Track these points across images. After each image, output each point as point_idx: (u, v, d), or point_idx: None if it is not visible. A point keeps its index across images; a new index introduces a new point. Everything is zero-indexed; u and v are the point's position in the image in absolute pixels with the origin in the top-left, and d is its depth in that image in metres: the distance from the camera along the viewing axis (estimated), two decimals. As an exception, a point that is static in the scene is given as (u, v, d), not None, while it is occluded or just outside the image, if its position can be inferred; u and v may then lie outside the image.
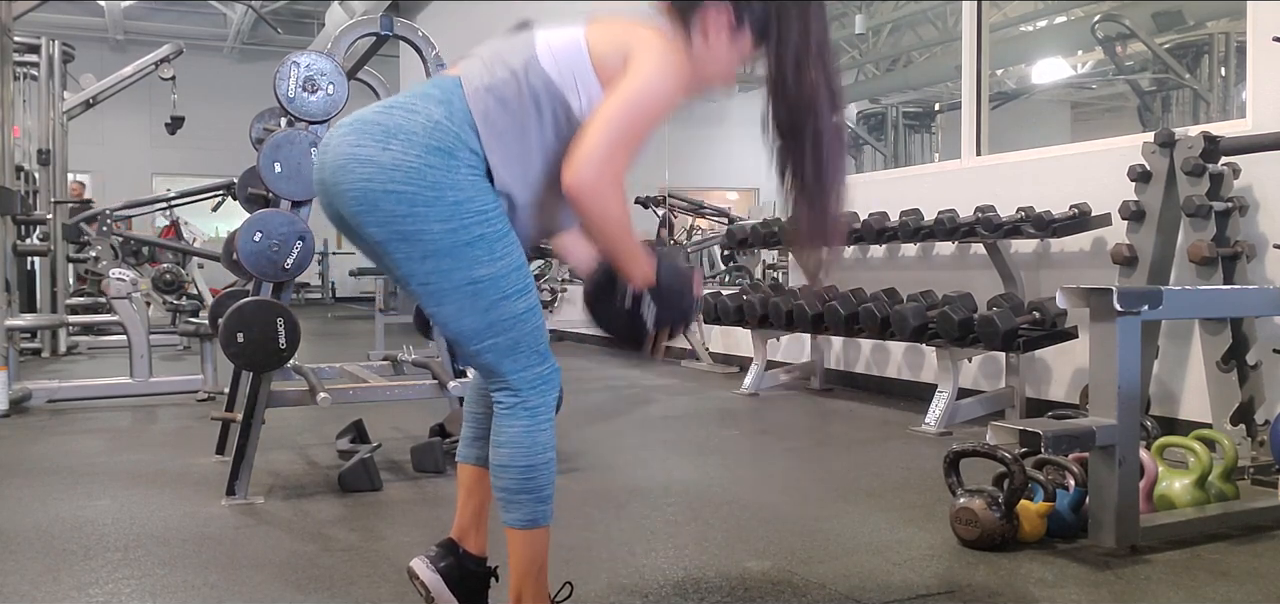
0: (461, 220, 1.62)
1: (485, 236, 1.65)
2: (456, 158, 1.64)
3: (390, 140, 1.62)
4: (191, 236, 11.29)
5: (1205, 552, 2.49)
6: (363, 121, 1.67)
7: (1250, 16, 3.81)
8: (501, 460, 1.74)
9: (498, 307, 1.68)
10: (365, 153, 1.63)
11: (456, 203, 1.62)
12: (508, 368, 1.72)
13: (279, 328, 3.08)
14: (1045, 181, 4.52)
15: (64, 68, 8.52)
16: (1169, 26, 9.51)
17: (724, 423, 4.61)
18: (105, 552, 2.57)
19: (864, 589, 2.25)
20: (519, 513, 1.75)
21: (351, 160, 1.64)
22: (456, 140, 1.65)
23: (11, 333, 5.39)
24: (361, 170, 1.62)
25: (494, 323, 1.68)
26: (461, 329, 1.70)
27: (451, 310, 1.68)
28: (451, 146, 1.64)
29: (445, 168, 1.62)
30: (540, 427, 1.74)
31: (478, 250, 1.64)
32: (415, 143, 1.62)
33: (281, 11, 15.54)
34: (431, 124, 1.64)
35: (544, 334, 1.77)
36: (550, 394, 1.76)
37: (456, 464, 1.98)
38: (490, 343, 1.70)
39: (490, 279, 1.66)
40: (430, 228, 1.61)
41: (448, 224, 1.62)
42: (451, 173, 1.63)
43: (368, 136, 1.64)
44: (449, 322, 1.70)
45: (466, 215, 1.63)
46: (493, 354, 1.71)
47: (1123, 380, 2.42)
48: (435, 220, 1.61)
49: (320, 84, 3.19)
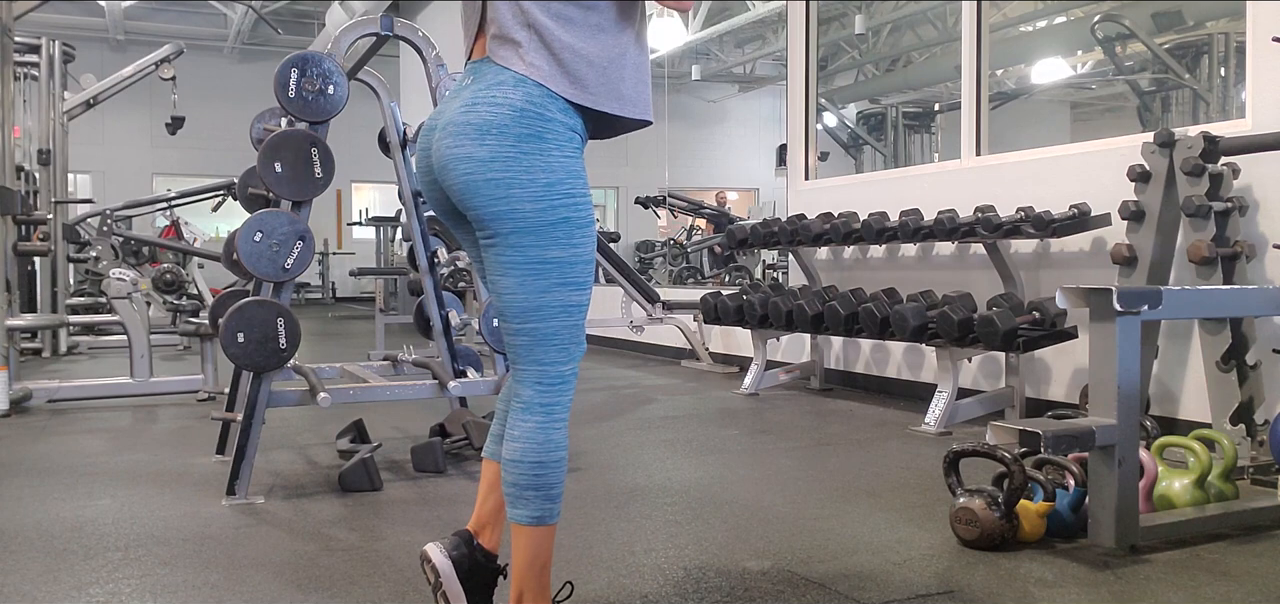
0: (550, 201, 1.72)
1: (570, 220, 1.74)
2: (546, 140, 1.73)
3: (485, 137, 1.72)
4: (191, 236, 11.29)
5: (1205, 552, 2.49)
6: (455, 124, 1.76)
7: (1250, 16, 3.81)
8: (513, 456, 1.78)
9: (555, 290, 1.75)
10: (464, 151, 1.73)
11: (548, 184, 1.72)
12: (538, 356, 1.78)
13: (279, 328, 3.08)
14: (1045, 181, 4.52)
15: (64, 68, 8.52)
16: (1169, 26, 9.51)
17: (724, 423, 4.61)
18: (105, 552, 2.57)
19: (864, 589, 2.25)
20: (526, 509, 1.77)
21: (453, 159, 1.75)
22: (542, 121, 1.73)
23: (12, 333, 5.39)
24: (464, 167, 1.74)
25: (544, 306, 1.75)
26: (514, 303, 1.76)
27: (513, 282, 1.75)
28: (540, 131, 1.72)
29: (538, 151, 1.72)
30: (555, 425, 1.78)
31: (558, 232, 1.73)
32: (508, 134, 1.72)
33: (281, 11, 15.54)
34: (516, 111, 1.72)
35: (581, 335, 1.82)
36: (567, 395, 1.81)
37: (479, 459, 2.00)
38: (532, 326, 1.76)
39: (558, 263, 1.74)
40: (522, 207, 1.72)
41: (538, 203, 1.72)
42: (543, 155, 1.72)
43: (464, 137, 1.74)
44: (505, 293, 1.77)
45: (555, 196, 1.73)
46: (528, 337, 1.77)
47: (1122, 380, 2.43)
48: (527, 200, 1.71)
49: (320, 84, 3.19)
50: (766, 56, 16.76)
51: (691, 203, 12.24)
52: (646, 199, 12.20)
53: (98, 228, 8.51)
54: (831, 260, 5.80)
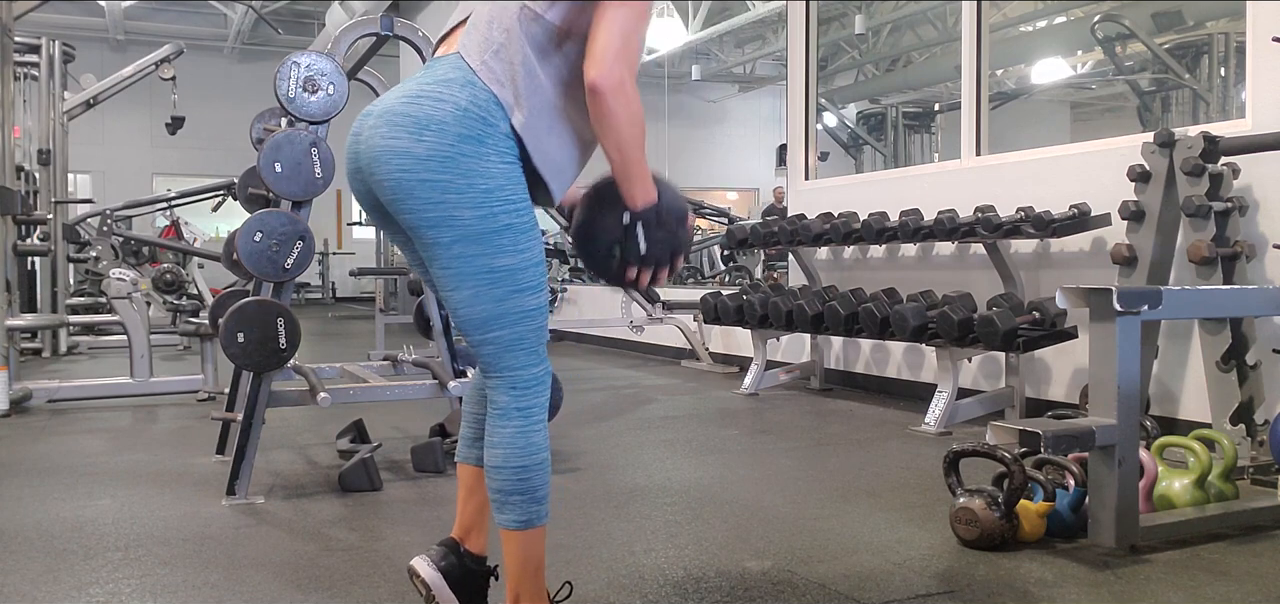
0: (491, 208, 1.66)
1: (512, 226, 1.68)
2: (486, 145, 1.67)
3: (423, 132, 1.66)
4: (192, 236, 11.29)
5: (1205, 551, 2.49)
6: (393, 113, 1.70)
7: (1250, 16, 3.81)
8: (495, 462, 1.75)
9: (511, 298, 1.71)
10: (400, 145, 1.66)
11: (487, 191, 1.66)
12: (507, 362, 1.74)
13: (279, 328, 3.08)
14: (1045, 181, 4.52)
15: (64, 68, 8.53)
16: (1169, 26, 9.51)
17: (724, 423, 4.61)
18: (105, 552, 2.57)
19: (864, 589, 2.25)
20: (513, 514, 1.75)
21: (387, 152, 1.67)
22: (484, 126, 1.68)
23: (12, 333, 5.39)
24: (398, 162, 1.66)
25: (504, 313, 1.71)
26: (472, 315, 1.72)
27: (467, 295, 1.71)
28: (481, 134, 1.67)
29: (477, 156, 1.66)
30: (534, 428, 1.75)
31: (503, 239, 1.68)
32: (448, 132, 1.66)
33: (281, 11, 15.54)
34: (460, 111, 1.67)
35: (545, 335, 1.78)
36: (543, 395, 1.78)
37: (456, 465, 1.98)
38: (496, 335, 1.72)
39: (509, 270, 1.69)
40: (462, 214, 1.65)
41: (478, 210, 1.66)
42: (483, 160, 1.66)
43: (401, 128, 1.67)
44: (461, 306, 1.72)
45: (496, 203, 1.67)
46: (494, 346, 1.73)
47: (1122, 380, 2.43)
48: (467, 207, 1.65)
49: (320, 84, 3.19)
50: (766, 56, 16.76)
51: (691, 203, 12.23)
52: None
53: (98, 228, 8.51)
54: (831, 260, 5.80)
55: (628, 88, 1.67)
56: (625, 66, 1.66)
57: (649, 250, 1.78)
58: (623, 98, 1.66)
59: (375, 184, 1.72)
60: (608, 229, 1.79)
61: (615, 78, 1.65)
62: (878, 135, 13.88)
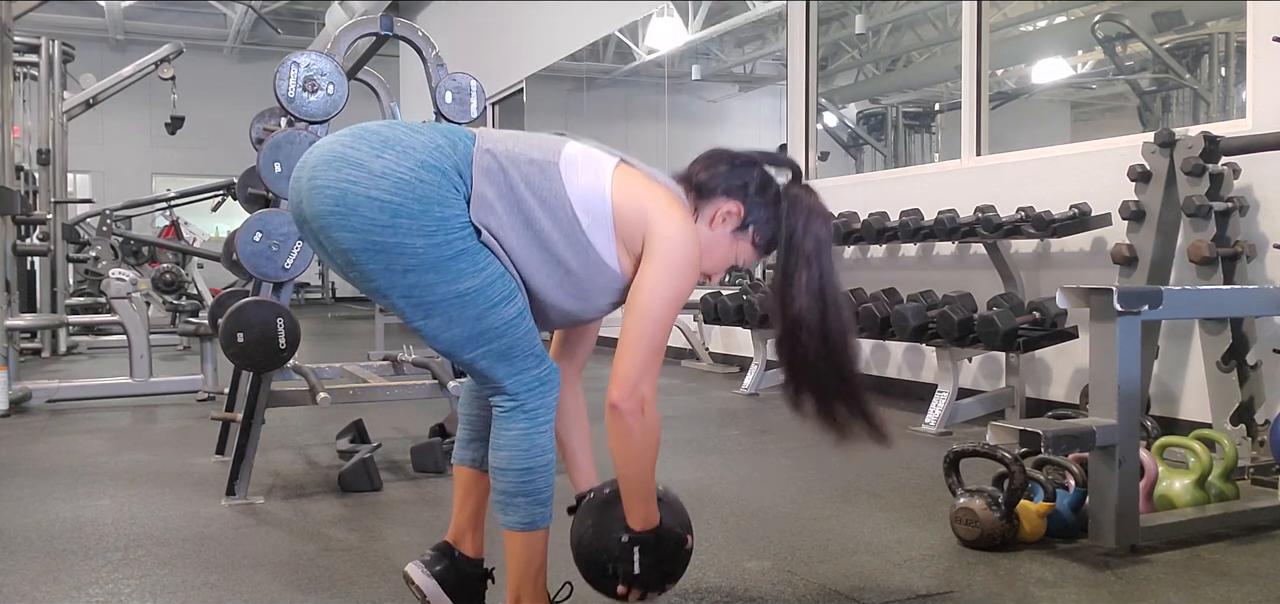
0: (445, 235, 1.60)
1: (467, 250, 1.63)
2: (446, 178, 1.63)
3: (385, 149, 1.61)
4: (191, 237, 11.28)
5: (1205, 552, 2.49)
6: (362, 129, 1.66)
7: (1250, 16, 3.81)
8: (500, 463, 1.74)
9: (486, 315, 1.66)
10: (355, 156, 1.60)
11: (442, 219, 1.60)
12: (503, 373, 1.72)
13: (279, 328, 3.08)
14: (1045, 181, 4.52)
15: (64, 68, 8.52)
16: (1169, 26, 9.50)
17: (724, 423, 4.61)
18: (105, 552, 2.57)
19: (864, 589, 2.25)
20: (516, 515, 1.75)
21: (340, 158, 1.61)
22: (451, 166, 1.64)
23: (11, 333, 5.39)
24: (347, 171, 1.59)
25: (484, 331, 1.67)
26: (452, 339, 1.68)
27: (439, 322, 1.66)
28: (444, 168, 1.63)
29: (435, 184, 1.61)
30: (539, 429, 1.74)
31: (461, 264, 1.63)
32: (411, 156, 1.61)
33: (281, 11, 15.54)
34: (432, 145, 1.64)
35: (536, 336, 1.75)
36: (549, 396, 1.75)
37: (452, 466, 1.98)
38: (483, 350, 1.69)
39: (476, 290, 1.64)
40: (412, 242, 1.58)
41: (432, 238, 1.59)
42: (440, 189, 1.61)
43: (363, 142, 1.62)
44: (438, 333, 1.68)
45: (451, 231, 1.61)
46: (485, 361, 1.71)
47: (1123, 380, 2.42)
48: (418, 234, 1.58)
49: (320, 84, 3.19)
50: (766, 56, 16.73)
51: (691, 203, 12.22)
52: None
53: (97, 228, 8.51)
54: (831, 260, 5.79)
55: (649, 409, 1.68)
56: (649, 386, 1.68)
57: (641, 574, 1.79)
58: (642, 420, 1.67)
59: (313, 192, 1.61)
60: (607, 546, 1.80)
61: (638, 400, 1.67)
62: (878, 135, 13.87)
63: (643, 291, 1.70)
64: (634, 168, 1.77)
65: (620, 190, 1.72)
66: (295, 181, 1.68)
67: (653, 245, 1.70)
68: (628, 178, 1.74)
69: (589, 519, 1.85)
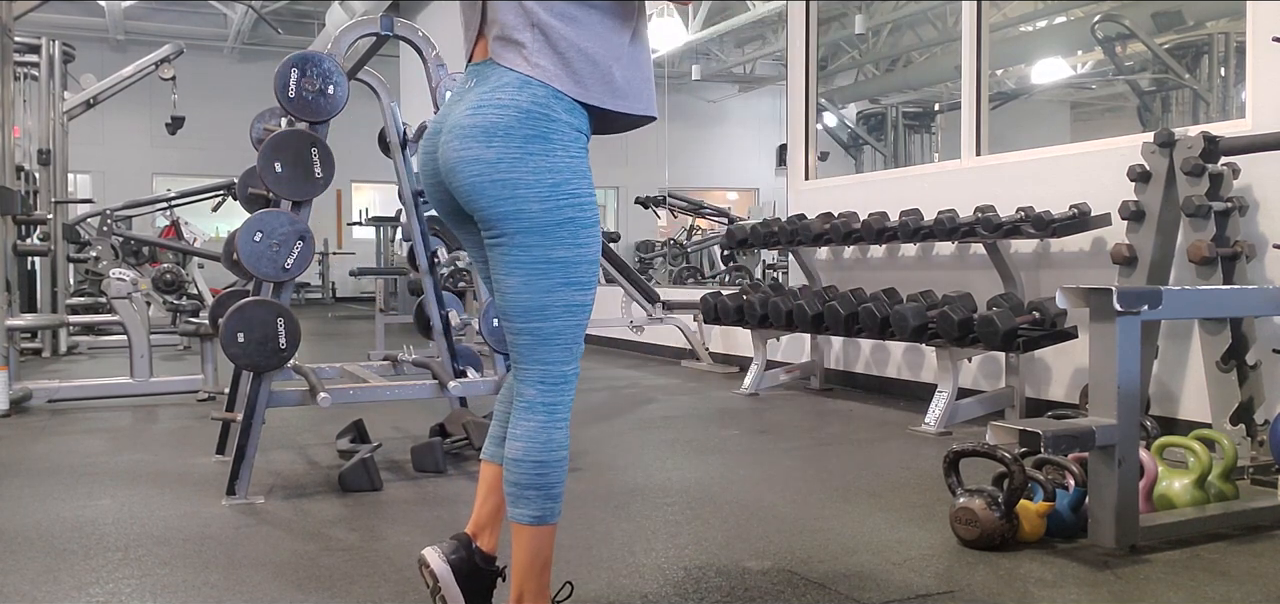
0: (556, 201, 1.73)
1: (575, 220, 1.74)
2: (552, 141, 1.73)
3: (491, 139, 1.72)
4: (191, 237, 11.28)
5: (1205, 552, 2.49)
6: (461, 127, 1.76)
7: (1250, 16, 3.81)
8: (515, 454, 1.78)
9: (559, 290, 1.75)
10: (471, 153, 1.73)
11: (554, 185, 1.72)
12: (541, 355, 1.78)
13: (279, 328, 3.08)
14: (1045, 181, 4.52)
15: (64, 68, 8.52)
16: (1169, 26, 9.50)
17: (724, 423, 4.61)
18: (105, 552, 2.57)
19: (864, 589, 2.25)
20: (527, 508, 1.77)
21: (460, 162, 1.75)
22: (547, 122, 1.73)
23: (12, 333, 5.39)
24: (472, 169, 1.74)
25: (548, 306, 1.75)
26: (517, 303, 1.76)
27: (518, 282, 1.75)
28: (545, 132, 1.73)
29: (544, 152, 1.72)
30: (557, 424, 1.78)
31: (564, 232, 1.74)
32: (514, 136, 1.72)
33: (281, 11, 15.53)
34: (522, 113, 1.72)
35: (582, 335, 1.82)
36: (568, 394, 1.81)
37: (478, 460, 1.99)
38: (535, 326, 1.76)
39: (564, 262, 1.74)
40: (529, 207, 1.72)
41: (544, 203, 1.72)
42: (549, 156, 1.72)
43: (471, 139, 1.73)
44: (510, 293, 1.77)
45: (561, 197, 1.73)
46: (532, 338, 1.77)
47: (1122, 380, 2.43)
48: (534, 200, 1.72)
49: (320, 84, 3.19)
50: (766, 56, 16.75)
51: (691, 203, 12.23)
52: (646, 199, 12.19)
53: (98, 228, 8.51)
54: (831, 260, 5.80)
55: None
56: None
57: None
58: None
59: (454, 191, 1.80)
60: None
61: None
62: (878, 135, 13.87)
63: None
64: None
65: None
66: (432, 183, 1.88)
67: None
68: None
69: None
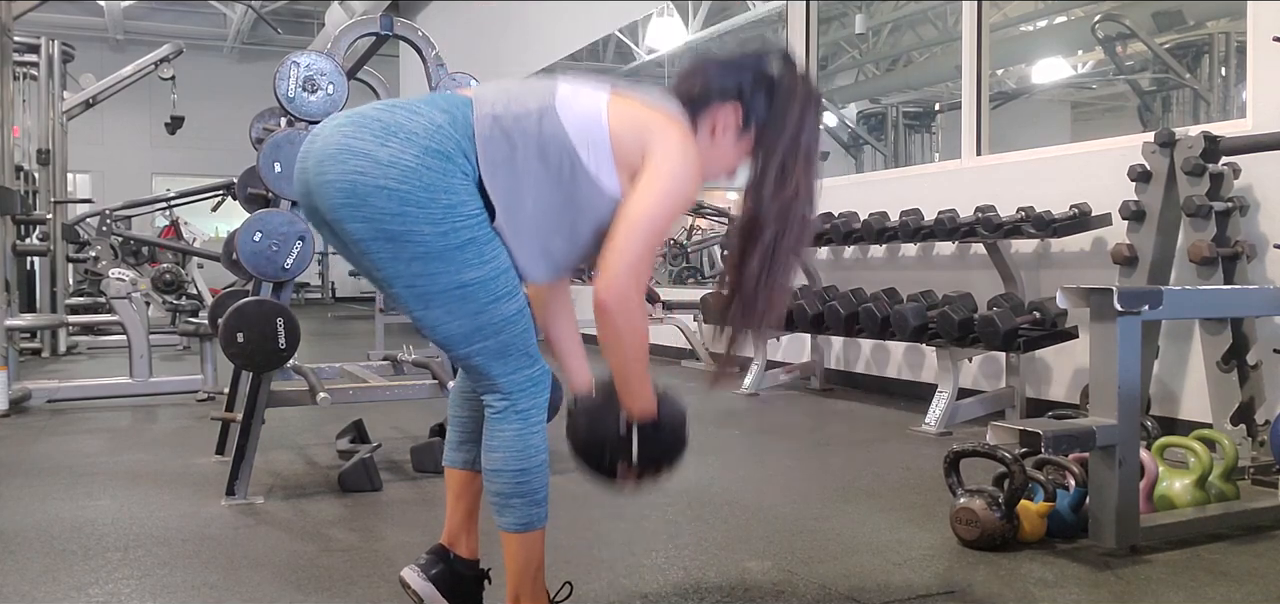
0: (453, 223, 1.60)
1: (475, 240, 1.63)
2: (453, 163, 1.62)
3: (388, 138, 1.60)
4: (191, 237, 11.28)
5: (1205, 552, 2.49)
6: (361, 116, 1.65)
7: (1250, 16, 3.80)
8: (494, 465, 1.74)
9: (487, 309, 1.66)
10: (360, 145, 1.60)
11: (449, 206, 1.60)
12: (497, 371, 1.71)
13: (279, 328, 3.08)
14: (1045, 181, 4.52)
15: (64, 68, 8.52)
16: (1169, 26, 9.51)
17: (724, 423, 4.61)
18: (105, 552, 2.57)
19: (864, 589, 2.25)
20: (513, 517, 1.75)
21: (344, 151, 1.61)
22: (455, 147, 1.64)
23: (11, 333, 5.39)
24: (354, 162, 1.59)
25: (483, 326, 1.67)
26: (450, 332, 1.68)
27: (439, 314, 1.66)
28: (450, 152, 1.63)
29: (442, 171, 1.61)
30: (532, 429, 1.74)
31: (468, 254, 1.62)
32: (414, 142, 1.60)
33: (281, 11, 15.53)
34: (433, 127, 1.63)
35: (533, 336, 1.75)
36: (541, 396, 1.75)
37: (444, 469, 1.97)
38: (479, 346, 1.69)
39: (479, 282, 1.64)
40: (421, 230, 1.59)
41: (439, 226, 1.59)
42: (447, 176, 1.61)
43: (365, 130, 1.62)
44: (437, 325, 1.68)
45: (458, 219, 1.61)
46: (481, 357, 1.70)
47: (1123, 380, 2.42)
48: (426, 222, 1.59)
49: (320, 84, 3.19)
50: (766, 56, 16.74)
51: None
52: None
53: (97, 228, 8.50)
54: (831, 260, 5.80)
55: (633, 304, 1.65)
56: (635, 284, 1.65)
57: (643, 456, 1.79)
58: (627, 315, 1.65)
59: (322, 186, 1.63)
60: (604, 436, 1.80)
61: (622, 294, 1.63)
62: (878, 135, 13.88)
63: (636, 194, 1.68)
64: (628, 95, 1.76)
65: (617, 117, 1.71)
66: (302, 173, 1.69)
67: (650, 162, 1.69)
68: (623, 104, 1.73)
69: (583, 419, 1.84)
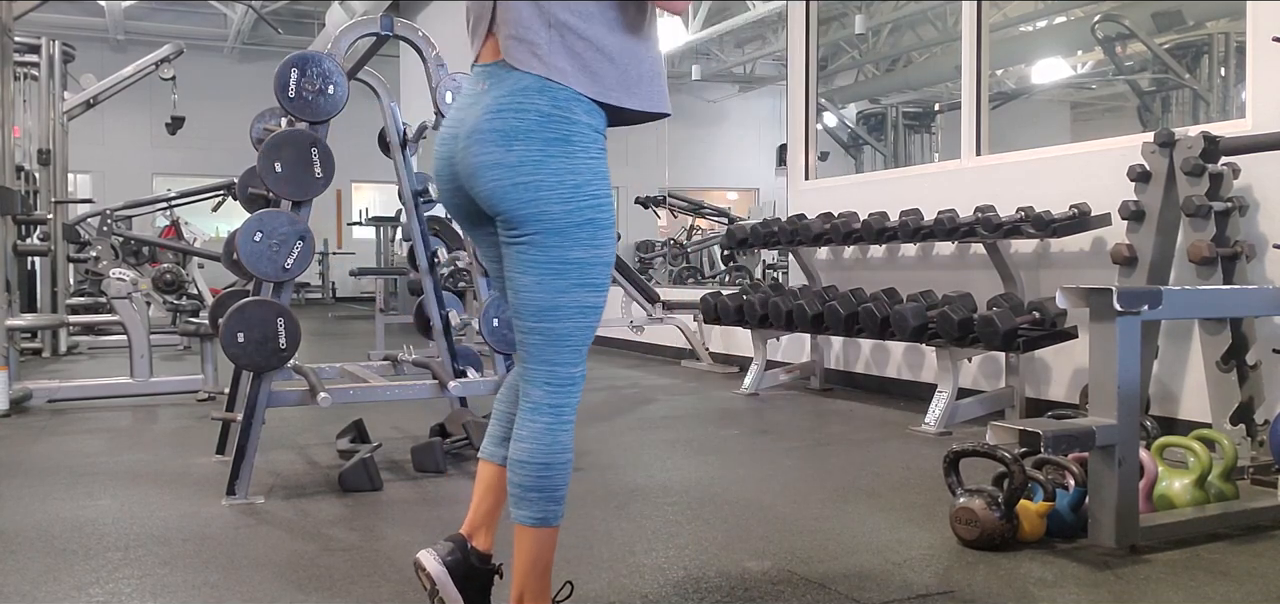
0: (578, 203, 1.73)
1: (594, 221, 1.75)
2: (572, 144, 1.73)
3: (512, 143, 1.72)
4: (192, 237, 11.28)
5: (1205, 552, 2.49)
6: (479, 132, 1.75)
7: (1250, 16, 3.81)
8: (520, 456, 1.77)
9: (573, 291, 1.75)
10: (492, 157, 1.73)
11: (575, 186, 1.73)
12: (550, 357, 1.77)
13: (279, 328, 3.08)
14: (1045, 181, 4.52)
15: (64, 68, 8.52)
16: (1169, 26, 9.51)
17: (724, 423, 4.61)
18: (105, 552, 2.57)
19: (864, 589, 2.25)
20: (530, 510, 1.77)
21: (481, 167, 1.74)
22: (567, 123, 1.73)
23: (12, 333, 5.39)
24: (493, 174, 1.73)
25: (561, 306, 1.75)
26: (530, 302, 1.76)
27: (531, 280, 1.75)
28: (567, 134, 1.72)
29: (565, 155, 1.72)
30: (562, 426, 1.78)
31: (583, 233, 1.74)
32: (534, 139, 1.71)
33: (281, 11, 15.53)
34: (542, 117, 1.72)
35: (590, 339, 1.82)
36: (575, 396, 1.81)
37: (477, 460, 1.99)
38: (546, 326, 1.76)
39: (579, 264, 1.74)
40: (551, 209, 1.72)
41: (566, 205, 1.72)
42: (570, 158, 1.72)
43: (491, 144, 1.73)
44: (523, 291, 1.76)
45: (582, 198, 1.73)
46: (542, 338, 1.77)
47: (1122, 380, 2.43)
48: (556, 202, 1.72)
49: (320, 84, 3.19)
50: (766, 56, 16.76)
51: (691, 203, 12.23)
52: (646, 199, 12.19)
53: (98, 228, 8.50)
54: (831, 260, 5.80)
55: None
56: None
57: None
58: None
59: (475, 196, 1.80)
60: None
61: None
62: (878, 135, 13.87)
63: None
64: None
65: None
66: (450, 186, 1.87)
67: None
68: None
69: None
